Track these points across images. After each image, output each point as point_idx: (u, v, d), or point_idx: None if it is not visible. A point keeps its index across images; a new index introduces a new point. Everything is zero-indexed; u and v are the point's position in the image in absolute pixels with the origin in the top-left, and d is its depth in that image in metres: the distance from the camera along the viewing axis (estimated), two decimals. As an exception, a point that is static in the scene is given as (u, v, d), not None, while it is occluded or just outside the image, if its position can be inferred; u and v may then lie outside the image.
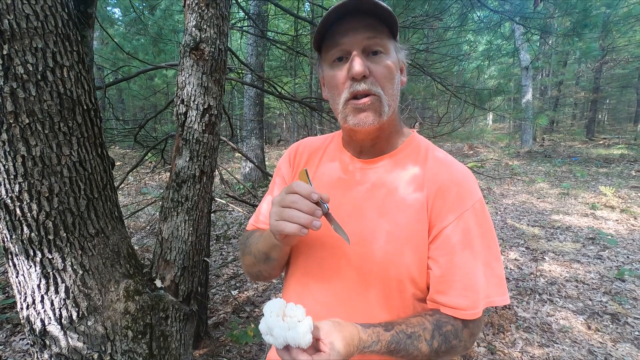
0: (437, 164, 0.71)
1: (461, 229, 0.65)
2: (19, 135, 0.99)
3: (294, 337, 0.50)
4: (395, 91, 0.68)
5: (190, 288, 1.47)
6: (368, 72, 0.64)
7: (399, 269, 0.66)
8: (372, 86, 0.64)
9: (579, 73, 16.79)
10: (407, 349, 0.60)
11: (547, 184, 7.67)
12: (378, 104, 0.65)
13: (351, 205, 0.72)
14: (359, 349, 0.56)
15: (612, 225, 4.83)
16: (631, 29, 11.96)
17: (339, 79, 0.66)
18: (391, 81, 0.66)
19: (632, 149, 11.35)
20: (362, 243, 0.68)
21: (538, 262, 3.71)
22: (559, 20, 4.87)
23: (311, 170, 0.81)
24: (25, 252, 1.07)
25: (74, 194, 1.11)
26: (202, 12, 1.32)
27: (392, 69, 0.67)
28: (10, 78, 0.95)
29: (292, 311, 0.54)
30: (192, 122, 1.37)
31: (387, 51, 0.66)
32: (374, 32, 0.64)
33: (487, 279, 0.65)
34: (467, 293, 0.64)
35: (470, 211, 0.66)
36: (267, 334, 0.53)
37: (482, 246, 0.66)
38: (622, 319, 2.62)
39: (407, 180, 0.70)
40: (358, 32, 0.64)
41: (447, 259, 0.65)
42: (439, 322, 0.64)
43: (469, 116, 3.72)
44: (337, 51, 0.65)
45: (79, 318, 1.14)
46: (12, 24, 0.94)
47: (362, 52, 0.64)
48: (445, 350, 0.63)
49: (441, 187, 0.67)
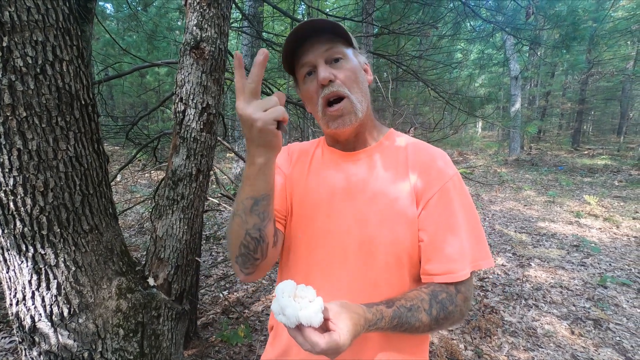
0: (416, 149, 0.80)
1: (445, 199, 0.73)
2: (15, 128, 0.97)
3: (306, 316, 0.52)
4: (363, 89, 0.77)
5: (183, 287, 1.46)
6: (333, 76, 0.72)
7: (396, 246, 0.72)
8: (340, 88, 0.73)
9: (566, 84, 17.22)
10: (409, 321, 0.65)
11: (534, 191, 7.83)
12: (350, 105, 0.74)
13: (345, 192, 0.78)
14: (365, 328, 0.59)
15: (595, 233, 4.95)
16: (616, 43, 12.35)
17: (311, 90, 0.76)
18: (356, 81, 0.75)
19: (615, 159, 11.67)
20: (359, 226, 0.74)
21: (524, 267, 3.78)
22: (549, 32, 5.00)
23: (303, 167, 0.86)
24: (17, 247, 1.05)
25: (69, 190, 1.10)
26: (203, 12, 1.32)
27: (355, 70, 0.75)
28: (8, 70, 0.94)
29: (303, 292, 0.57)
30: (190, 120, 1.37)
31: (345, 57, 0.75)
32: (331, 44, 0.74)
33: (471, 244, 0.72)
34: (456, 257, 0.70)
35: (450, 182, 0.74)
36: (279, 313, 0.54)
37: (464, 213, 0.73)
38: (604, 325, 2.70)
39: (393, 165, 0.78)
40: (318, 47, 0.73)
41: (434, 227, 0.72)
42: (434, 291, 0.69)
43: (461, 123, 3.79)
44: (305, 68, 0.75)
45: (70, 315, 1.13)
46: (13, 16, 0.93)
47: (325, 62, 0.74)
48: (443, 317, 0.68)
49: (423, 166, 0.76)
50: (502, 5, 4.33)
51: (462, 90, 5.54)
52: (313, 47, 0.74)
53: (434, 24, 3.79)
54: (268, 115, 0.58)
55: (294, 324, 0.53)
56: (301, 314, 0.53)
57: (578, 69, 14.28)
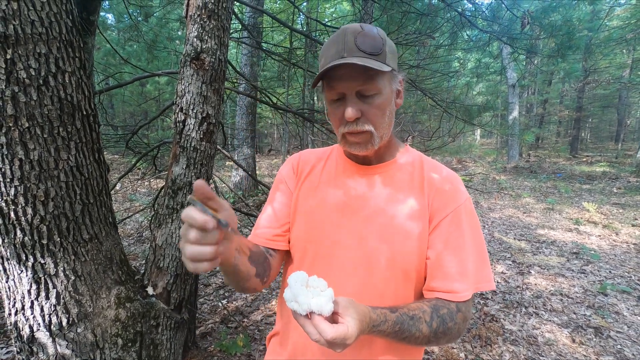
0: (432, 169, 0.82)
1: (456, 221, 0.75)
2: (17, 138, 0.99)
3: (318, 304, 0.55)
4: (388, 121, 0.76)
5: (182, 296, 1.46)
6: (360, 114, 0.71)
7: (404, 261, 0.74)
8: (364, 125, 0.72)
9: (563, 92, 17.39)
10: (409, 330, 0.66)
11: (533, 198, 7.83)
12: (369, 138, 0.74)
13: (357, 206, 0.79)
14: (369, 327, 0.61)
15: (595, 241, 4.95)
16: (612, 52, 12.49)
17: (336, 115, 0.75)
18: (382, 117, 0.74)
19: (613, 166, 11.71)
20: (366, 239, 0.76)
21: (524, 275, 3.77)
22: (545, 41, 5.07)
23: (315, 177, 0.86)
24: (17, 256, 1.05)
25: (69, 199, 1.11)
26: (203, 24, 1.35)
27: (384, 106, 0.73)
28: (12, 82, 0.96)
29: (315, 282, 0.59)
30: (190, 130, 1.39)
31: (379, 91, 0.71)
32: (365, 78, 0.69)
33: (476, 267, 0.74)
34: (461, 278, 0.72)
35: (462, 206, 0.76)
36: (291, 300, 0.56)
37: (472, 237, 0.76)
38: (605, 333, 2.68)
39: (408, 182, 0.80)
40: (352, 78, 0.69)
41: (442, 247, 0.74)
42: (436, 305, 0.71)
43: (459, 131, 3.82)
44: (334, 94, 0.72)
45: (68, 325, 1.13)
46: (17, 29, 0.95)
47: (355, 95, 0.71)
48: (442, 332, 0.69)
49: (438, 187, 0.78)
50: (498, 16, 4.40)
51: (460, 98, 5.59)
52: (348, 75, 0.69)
53: (431, 34, 3.84)
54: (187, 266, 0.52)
55: (305, 311, 0.55)
56: (313, 301, 0.55)
57: (574, 77, 14.44)
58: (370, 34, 0.70)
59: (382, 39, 0.70)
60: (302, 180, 0.87)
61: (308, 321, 0.55)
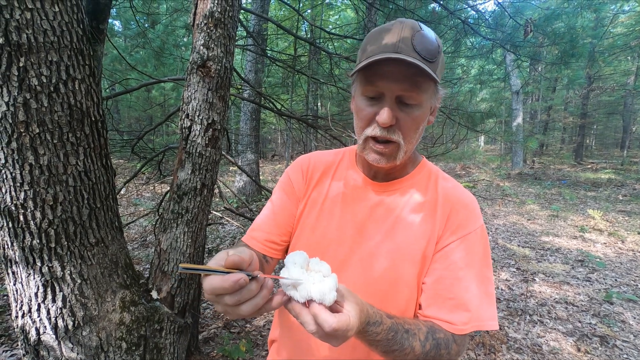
0: (446, 188, 0.75)
1: (464, 248, 0.69)
2: (28, 144, 1.01)
3: (320, 292, 0.47)
4: (417, 137, 0.70)
5: (186, 300, 1.47)
6: (395, 121, 0.65)
7: (407, 285, 0.70)
8: (395, 135, 0.66)
9: (567, 99, 17.33)
10: (402, 343, 0.59)
11: (537, 205, 7.79)
12: (396, 151, 0.68)
13: (359, 225, 0.74)
14: (366, 323, 0.54)
15: (600, 248, 4.91)
16: (616, 59, 12.47)
17: (366, 114, 0.67)
18: (415, 131, 0.68)
19: (619, 173, 11.63)
20: (371, 261, 0.72)
21: (528, 282, 3.74)
22: (548, 48, 5.09)
23: (323, 188, 0.81)
24: (25, 259, 1.07)
25: (77, 203, 1.13)
26: (210, 32, 1.37)
27: (420, 120, 0.67)
28: (24, 89, 0.99)
29: (317, 266, 0.51)
30: (195, 136, 1.41)
31: (420, 103, 0.65)
32: (411, 85, 0.62)
33: (479, 301, 0.67)
34: (460, 310, 0.65)
35: (473, 234, 0.70)
36: (288, 285, 0.49)
37: (480, 268, 0.69)
38: (610, 342, 2.65)
39: (420, 204, 0.74)
40: (397, 80, 0.62)
41: (445, 273, 0.68)
42: (433, 327, 0.65)
43: (462, 138, 3.82)
44: (372, 91, 0.65)
45: (74, 328, 1.14)
46: (30, 38, 0.98)
47: (395, 99, 0.64)
48: (433, 356, 0.62)
49: (452, 208, 0.72)
50: (501, 23, 4.43)
51: (463, 105, 5.60)
52: (393, 76, 0.62)
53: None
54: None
55: (304, 299, 0.47)
56: (314, 288, 0.47)
57: (577, 84, 14.41)
58: (428, 37, 0.62)
59: (439, 46, 0.63)
60: (311, 190, 0.81)
61: (305, 310, 0.48)
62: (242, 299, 0.46)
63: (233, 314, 0.48)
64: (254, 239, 0.79)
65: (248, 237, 0.81)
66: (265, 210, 0.84)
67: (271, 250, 0.79)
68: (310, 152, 0.89)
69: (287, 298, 0.49)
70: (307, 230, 0.78)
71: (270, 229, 0.79)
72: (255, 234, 0.80)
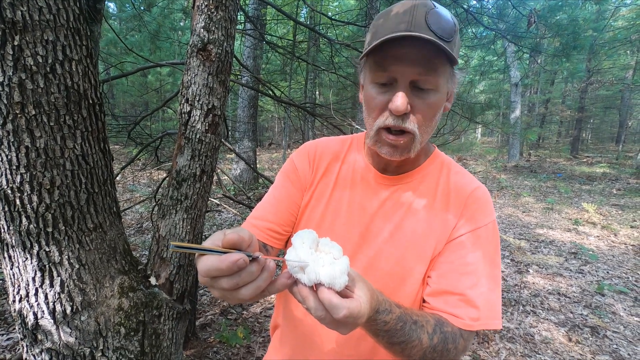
0: (459, 181, 0.72)
1: (474, 241, 0.67)
2: (24, 126, 0.98)
3: (330, 275, 0.43)
4: (433, 126, 0.66)
5: (184, 287, 1.47)
6: (409, 108, 0.60)
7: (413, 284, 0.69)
8: (409, 124, 0.61)
9: (566, 92, 17.35)
10: (410, 334, 0.56)
11: (533, 198, 7.85)
12: (410, 143, 0.63)
13: (367, 221, 0.72)
14: (376, 310, 0.51)
15: (593, 241, 4.97)
16: (616, 53, 12.45)
17: (378, 103, 0.62)
18: (431, 119, 0.63)
19: (613, 168, 11.72)
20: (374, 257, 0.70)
21: (523, 274, 3.79)
22: (549, 40, 5.05)
23: (330, 179, 0.77)
24: (22, 244, 1.05)
25: (74, 187, 1.11)
26: (211, 14, 1.33)
27: (437, 106, 0.62)
28: (19, 69, 0.95)
29: (327, 247, 0.47)
30: (195, 121, 1.38)
31: (437, 87, 0.60)
32: (427, 67, 0.58)
33: (487, 299, 0.64)
34: (469, 304, 0.63)
35: (484, 229, 0.68)
36: (295, 266, 0.45)
37: (489, 265, 0.66)
38: (601, 332, 2.70)
39: (431, 197, 0.71)
40: (411, 63, 0.57)
41: (453, 267, 0.66)
42: (440, 320, 0.62)
43: (462, 129, 3.81)
44: (384, 77, 0.60)
45: (72, 313, 1.13)
46: (25, 15, 0.94)
47: (409, 85, 0.59)
48: (440, 351, 0.60)
49: (465, 202, 0.69)
50: (504, 13, 4.37)
51: (463, 96, 5.58)
52: (407, 58, 0.57)
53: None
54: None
55: (312, 282, 0.43)
56: (323, 271, 0.43)
57: (577, 77, 14.40)
58: (444, 15, 0.57)
59: (455, 25, 0.58)
60: (318, 180, 0.77)
61: (312, 294, 0.44)
62: (241, 282, 0.41)
63: (232, 298, 0.43)
64: (254, 227, 0.75)
65: (248, 224, 0.77)
66: (268, 197, 0.80)
67: (272, 240, 0.75)
68: (316, 139, 0.85)
69: (292, 281, 0.45)
70: (312, 225, 0.75)
71: (272, 217, 0.75)
72: (256, 221, 0.76)
